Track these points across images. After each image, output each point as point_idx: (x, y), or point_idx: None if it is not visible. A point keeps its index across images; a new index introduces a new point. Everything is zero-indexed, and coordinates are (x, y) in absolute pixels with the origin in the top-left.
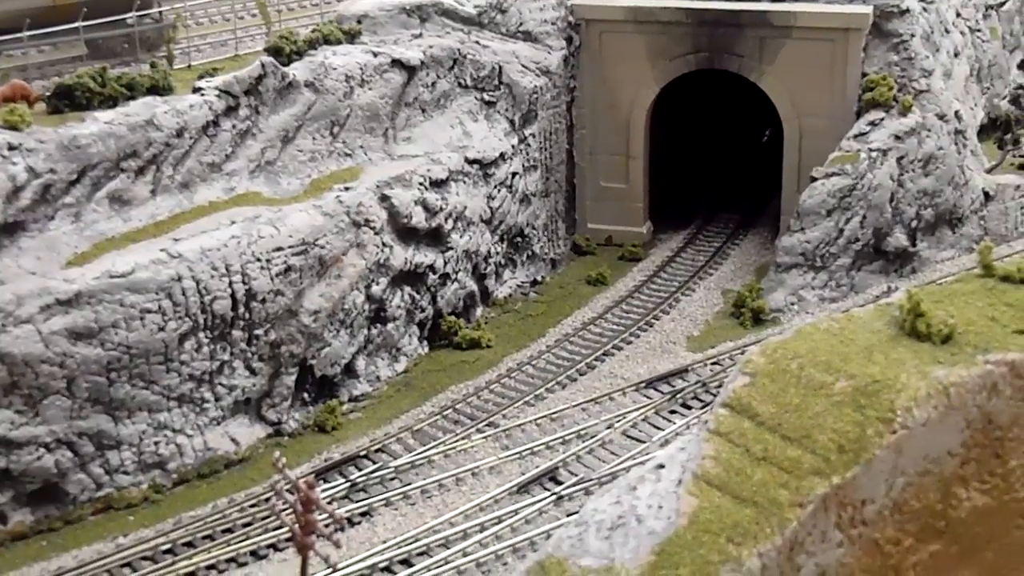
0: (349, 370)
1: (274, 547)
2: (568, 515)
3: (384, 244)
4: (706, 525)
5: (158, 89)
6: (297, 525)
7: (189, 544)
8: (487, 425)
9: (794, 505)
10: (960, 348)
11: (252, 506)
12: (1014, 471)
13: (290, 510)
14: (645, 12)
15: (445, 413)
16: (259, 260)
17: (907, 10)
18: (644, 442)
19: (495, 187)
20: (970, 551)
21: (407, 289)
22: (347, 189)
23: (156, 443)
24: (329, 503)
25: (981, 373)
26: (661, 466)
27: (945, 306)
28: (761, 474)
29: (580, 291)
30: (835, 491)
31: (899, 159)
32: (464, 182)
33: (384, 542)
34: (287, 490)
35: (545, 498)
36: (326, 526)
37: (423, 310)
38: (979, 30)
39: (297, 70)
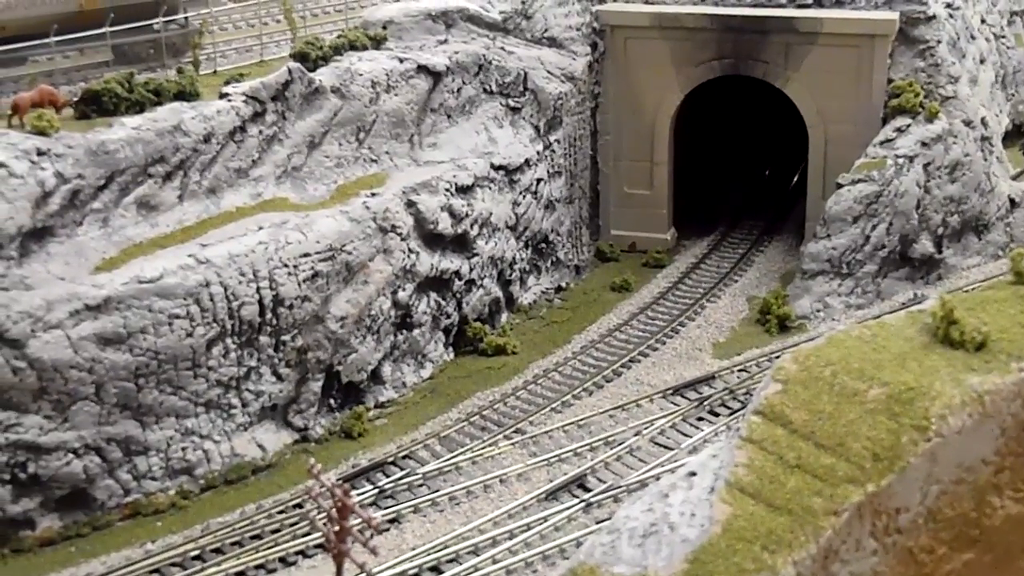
0: (375, 376)
1: (303, 553)
2: (597, 522)
3: (410, 250)
4: (740, 533)
5: (185, 95)
6: (332, 531)
7: (218, 551)
8: (514, 432)
9: (829, 513)
10: (994, 356)
11: (280, 512)
12: None
13: (324, 516)
14: (670, 18)
15: (471, 419)
16: (286, 266)
17: (933, 16)
18: (672, 449)
19: (520, 193)
20: (1004, 560)
21: (433, 295)
22: (373, 195)
23: (184, 449)
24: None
25: (1015, 381)
26: (693, 473)
27: (978, 313)
28: (795, 482)
29: (605, 298)
30: (870, 499)
31: (925, 166)
32: (490, 188)
33: (413, 549)
34: (322, 496)
35: (574, 505)
36: (361, 532)
37: (449, 316)
38: (1004, 36)
39: (323, 76)
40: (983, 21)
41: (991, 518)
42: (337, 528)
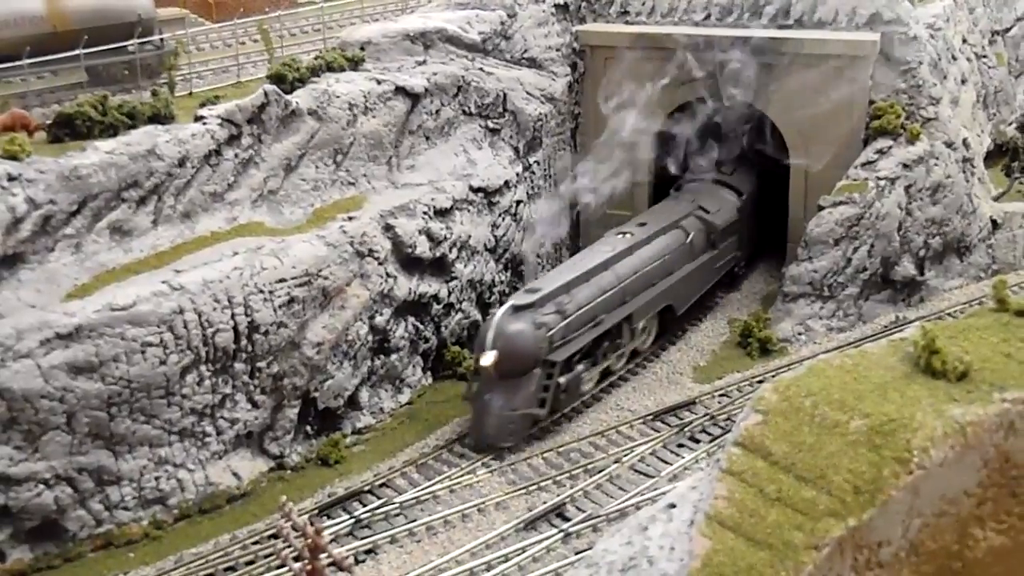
0: (352, 402)
1: None
2: (576, 553)
3: (388, 274)
4: (719, 568)
5: (160, 118)
6: (305, 572)
7: None
8: (493, 459)
9: (809, 548)
10: (976, 386)
11: (255, 543)
12: None
13: (296, 554)
14: (651, 38)
15: (450, 446)
16: (262, 292)
17: (915, 37)
18: (653, 477)
19: (499, 215)
20: None
21: (411, 319)
22: (350, 219)
23: (157, 478)
24: (332, 542)
25: (998, 412)
26: (673, 505)
27: (959, 342)
28: (775, 515)
29: None
30: (851, 533)
31: (907, 187)
32: (468, 211)
33: None
34: (293, 533)
35: (553, 535)
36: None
37: (427, 340)
38: (985, 56)
39: (300, 98)
40: (964, 41)
41: (974, 550)
42: (309, 568)
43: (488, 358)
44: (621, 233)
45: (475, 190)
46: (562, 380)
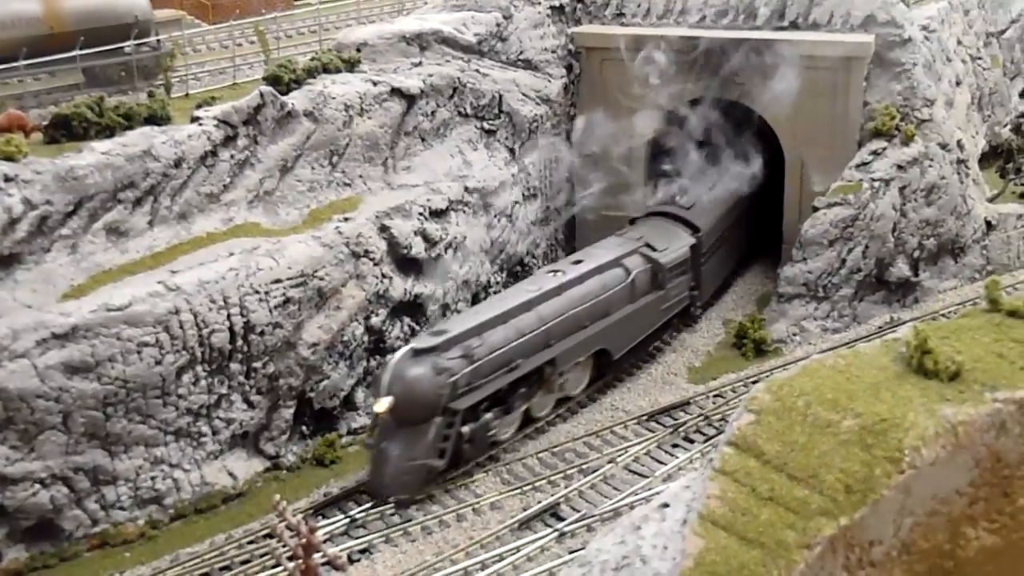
0: (348, 402)
1: None
2: (570, 552)
3: (383, 275)
4: (712, 567)
5: (156, 119)
6: (299, 570)
7: None
8: (488, 459)
9: (801, 547)
10: (968, 386)
11: (250, 543)
12: (1023, 510)
13: (290, 553)
14: (646, 40)
15: None
16: (257, 292)
17: (909, 39)
18: (647, 477)
19: (495, 216)
20: None
21: (406, 320)
22: (346, 220)
23: (153, 478)
24: (326, 541)
25: (990, 411)
26: (666, 505)
27: (952, 342)
28: (768, 514)
29: None
30: (843, 532)
31: (901, 189)
32: (464, 212)
33: None
34: (288, 533)
35: (547, 535)
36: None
37: None
38: (980, 58)
39: (296, 99)
40: (959, 43)
41: (965, 550)
42: (303, 566)
43: (382, 404)
44: (553, 271)
45: (470, 191)
46: (465, 429)
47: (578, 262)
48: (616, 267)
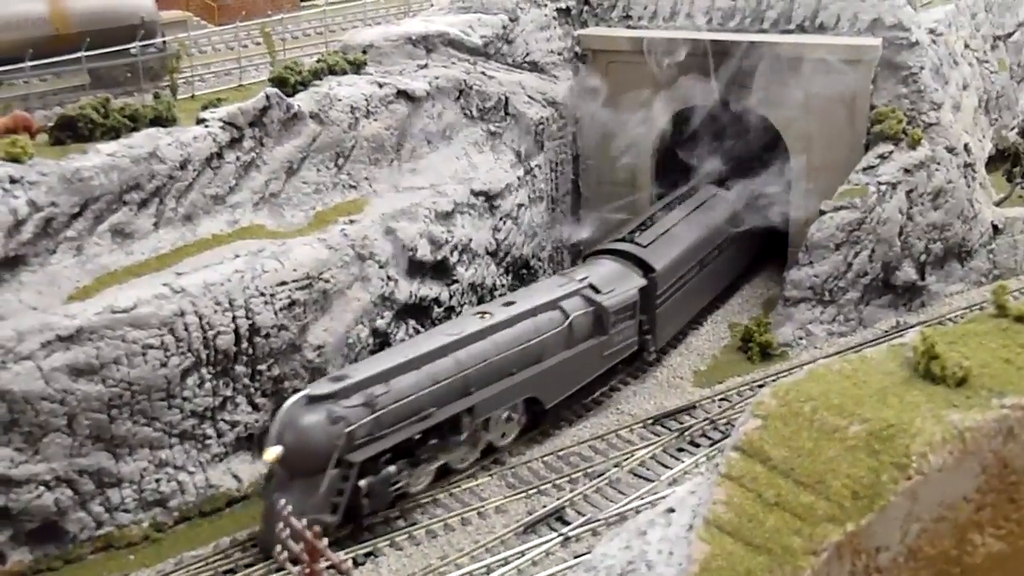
0: None
1: None
2: (575, 557)
3: (389, 277)
4: (718, 573)
5: (162, 120)
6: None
7: None
8: (493, 463)
9: (808, 553)
10: (975, 391)
11: (254, 545)
12: None
13: (294, 557)
14: (652, 43)
15: None
16: (263, 294)
17: (916, 43)
18: (652, 481)
19: (501, 219)
20: None
21: (412, 322)
22: (352, 222)
23: (157, 480)
24: (330, 545)
25: (997, 417)
26: (671, 510)
27: (959, 347)
28: (774, 520)
29: None
30: (849, 538)
31: (908, 192)
32: (470, 214)
33: None
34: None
35: (552, 539)
36: None
37: None
38: (987, 61)
39: (302, 101)
40: (966, 46)
41: (972, 556)
42: (308, 571)
43: (271, 454)
44: (481, 313)
45: (476, 194)
46: (363, 483)
47: (510, 303)
48: (552, 310)
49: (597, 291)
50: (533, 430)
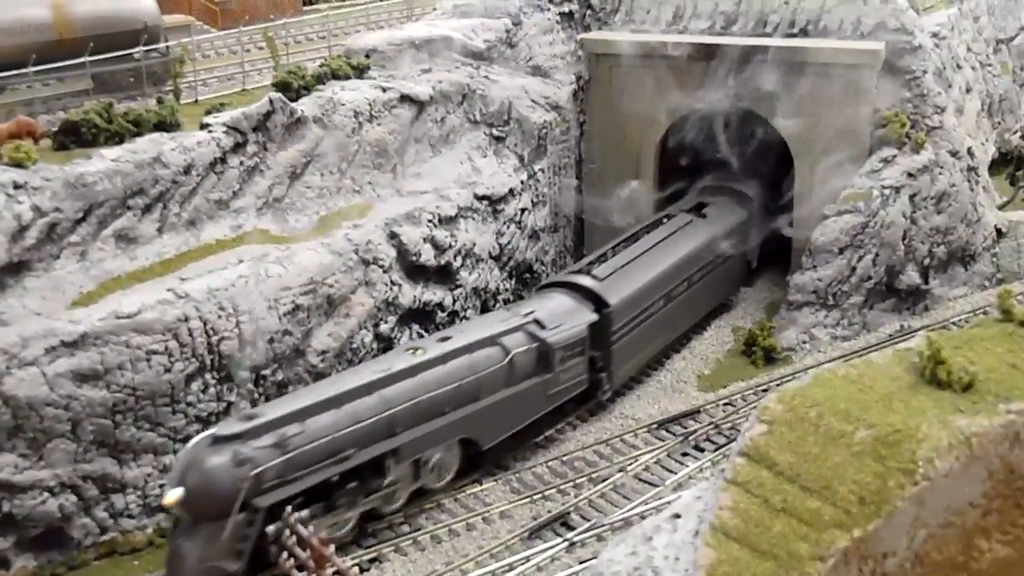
0: None
1: None
2: (580, 562)
3: (392, 282)
4: None
5: (165, 125)
6: None
7: None
8: (497, 468)
9: (815, 559)
10: (981, 396)
11: None
12: None
13: (300, 564)
14: (655, 47)
15: None
16: (267, 300)
17: (919, 46)
18: (657, 486)
19: (504, 223)
20: None
21: (415, 327)
22: (355, 227)
23: (162, 486)
24: (335, 551)
25: (1003, 423)
26: (677, 516)
27: (965, 352)
28: (780, 526)
29: None
30: (856, 544)
31: (912, 196)
32: (473, 219)
33: None
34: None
35: (557, 544)
36: None
37: None
38: (990, 65)
39: (305, 106)
40: (969, 50)
41: (979, 561)
42: None
43: (172, 496)
44: (413, 349)
45: (480, 198)
46: (271, 528)
47: (446, 339)
48: (491, 346)
49: (543, 326)
50: (472, 473)
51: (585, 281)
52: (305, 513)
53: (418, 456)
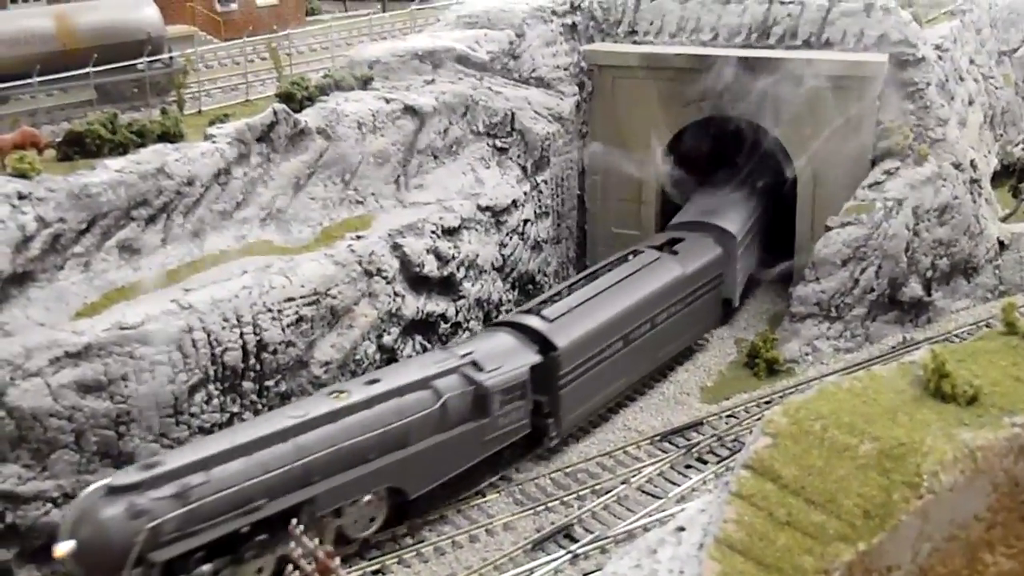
0: None
1: None
2: (584, 574)
3: (396, 293)
4: None
5: (169, 136)
6: None
7: None
8: (500, 479)
9: (819, 572)
10: (986, 410)
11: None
12: None
13: None
14: (658, 58)
15: None
16: (270, 311)
17: (923, 58)
18: (660, 498)
19: (507, 234)
20: None
21: (418, 338)
22: (359, 238)
23: None
24: (340, 563)
25: (1008, 436)
26: (682, 528)
27: (969, 365)
28: (785, 539)
29: None
30: (860, 557)
31: (914, 209)
32: (476, 230)
33: None
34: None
35: (561, 556)
36: None
37: None
38: (992, 77)
39: (309, 117)
40: (972, 62)
41: (983, 575)
42: None
43: (61, 549)
44: (336, 392)
45: (483, 209)
46: None
47: (373, 382)
48: (422, 389)
49: (479, 368)
50: (400, 523)
51: (532, 322)
52: (207, 568)
53: (338, 506)
